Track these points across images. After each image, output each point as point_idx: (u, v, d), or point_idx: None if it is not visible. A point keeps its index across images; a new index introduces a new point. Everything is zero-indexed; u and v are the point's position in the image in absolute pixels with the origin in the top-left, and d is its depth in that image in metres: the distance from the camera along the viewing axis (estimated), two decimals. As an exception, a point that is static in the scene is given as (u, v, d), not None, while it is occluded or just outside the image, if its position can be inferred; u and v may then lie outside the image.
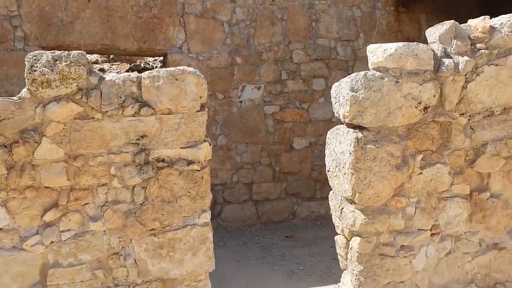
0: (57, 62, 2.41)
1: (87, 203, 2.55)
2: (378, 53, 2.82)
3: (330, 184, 3.18)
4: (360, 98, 2.75)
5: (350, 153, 2.79)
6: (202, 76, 2.65)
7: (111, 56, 15.85)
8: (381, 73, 2.77)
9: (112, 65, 15.29)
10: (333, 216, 3.20)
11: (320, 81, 6.33)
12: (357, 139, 2.77)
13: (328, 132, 3.15)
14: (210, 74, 5.88)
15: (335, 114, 3.02)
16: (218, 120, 5.96)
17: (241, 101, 6.04)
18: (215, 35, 5.91)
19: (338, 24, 6.36)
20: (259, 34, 6.07)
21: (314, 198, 6.35)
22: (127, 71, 14.35)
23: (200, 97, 2.65)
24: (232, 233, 5.78)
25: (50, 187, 2.50)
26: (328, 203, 3.32)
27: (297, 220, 6.28)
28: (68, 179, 2.50)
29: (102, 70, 14.56)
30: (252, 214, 6.12)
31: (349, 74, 6.54)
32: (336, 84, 3.00)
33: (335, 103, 3.00)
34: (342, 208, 3.02)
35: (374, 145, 2.78)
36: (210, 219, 2.71)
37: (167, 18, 5.71)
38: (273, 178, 6.20)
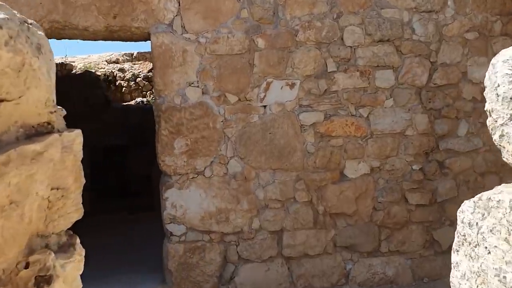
0: None
1: None
2: None
3: None
4: None
5: None
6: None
7: (134, 54, 14.17)
8: None
9: (134, 64, 13.62)
10: None
11: (387, 74, 4.15)
12: None
13: (467, 203, 1.04)
14: (218, 65, 3.84)
15: (496, 140, 0.90)
16: (230, 136, 3.91)
17: (265, 106, 3.96)
18: (223, 5, 3.86)
19: (415, -13, 4.16)
20: (293, 2, 3.97)
21: (378, 253, 4.17)
22: (149, 71, 12.59)
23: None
24: (251, 311, 3.72)
25: None
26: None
27: (351, 287, 4.12)
28: None
29: (121, 70, 12.88)
30: (282, 277, 4.02)
31: (432, 62, 4.36)
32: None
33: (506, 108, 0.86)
34: None
35: None
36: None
37: (150, -20, 3.73)
38: (315, 223, 4.07)
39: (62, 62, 10.51)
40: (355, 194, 4.12)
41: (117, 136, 9.70)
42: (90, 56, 13.63)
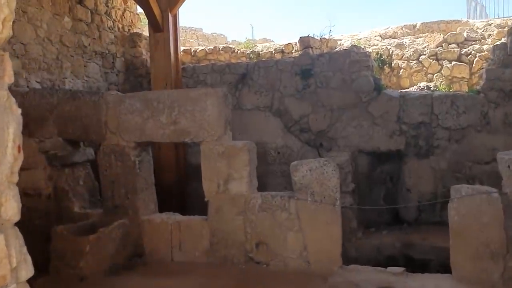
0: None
1: None
2: None
3: None
4: None
5: None
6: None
7: (417, 25, 10.76)
8: None
9: (417, 38, 10.17)
10: None
11: None
12: None
13: None
14: None
15: None
16: None
17: None
18: None
19: None
20: None
21: None
22: (438, 46, 9.00)
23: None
24: None
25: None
26: None
27: None
28: None
29: (400, 46, 9.67)
30: None
31: None
32: None
33: None
34: None
35: None
36: None
37: None
38: None
39: (320, 38, 8.06)
40: None
41: (389, 137, 6.65)
42: (361, 32, 10.92)
